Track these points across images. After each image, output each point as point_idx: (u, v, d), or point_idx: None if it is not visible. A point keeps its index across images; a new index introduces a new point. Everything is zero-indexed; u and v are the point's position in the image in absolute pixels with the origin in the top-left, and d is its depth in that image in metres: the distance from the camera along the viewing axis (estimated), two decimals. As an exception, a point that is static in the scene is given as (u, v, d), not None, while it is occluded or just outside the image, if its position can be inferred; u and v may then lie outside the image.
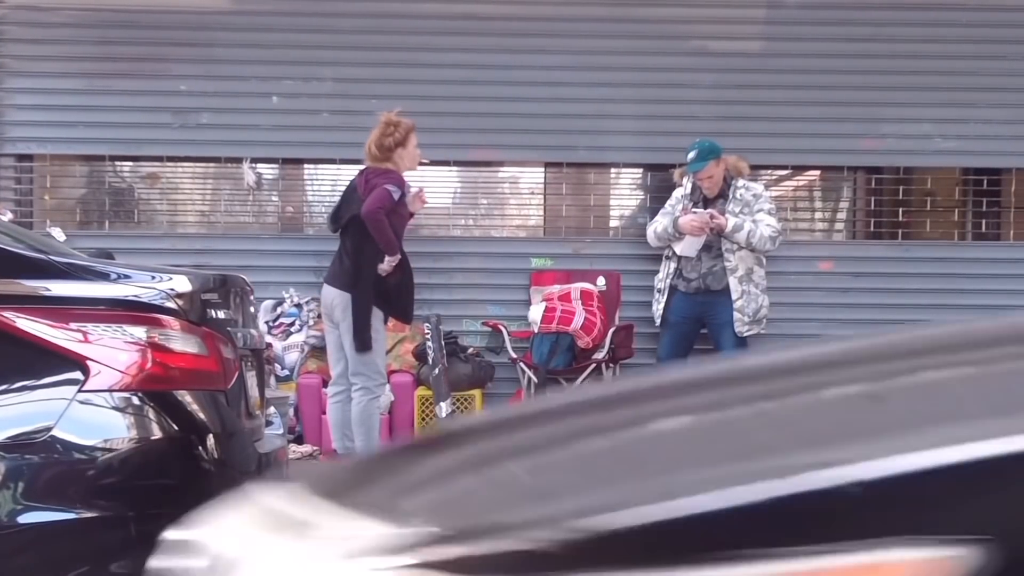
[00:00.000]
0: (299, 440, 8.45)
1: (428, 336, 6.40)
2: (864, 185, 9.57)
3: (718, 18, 9.13)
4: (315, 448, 8.20)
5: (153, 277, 3.82)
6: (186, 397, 3.68)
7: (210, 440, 3.69)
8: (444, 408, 6.33)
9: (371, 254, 7.11)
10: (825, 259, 9.33)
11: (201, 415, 3.69)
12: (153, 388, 3.59)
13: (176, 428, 3.62)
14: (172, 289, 3.78)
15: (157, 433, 3.58)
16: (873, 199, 9.55)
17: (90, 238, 8.74)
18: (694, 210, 8.48)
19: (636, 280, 8.93)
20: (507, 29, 9.12)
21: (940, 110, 9.21)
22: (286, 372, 8.59)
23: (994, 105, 9.22)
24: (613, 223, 9.60)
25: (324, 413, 8.23)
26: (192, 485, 3.61)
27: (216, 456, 3.69)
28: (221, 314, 3.95)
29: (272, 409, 4.65)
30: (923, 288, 9.22)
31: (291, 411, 8.52)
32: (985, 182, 9.47)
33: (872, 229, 9.54)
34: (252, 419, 4.14)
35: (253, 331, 4.32)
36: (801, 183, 9.55)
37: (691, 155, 8.44)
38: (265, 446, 4.16)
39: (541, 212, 9.46)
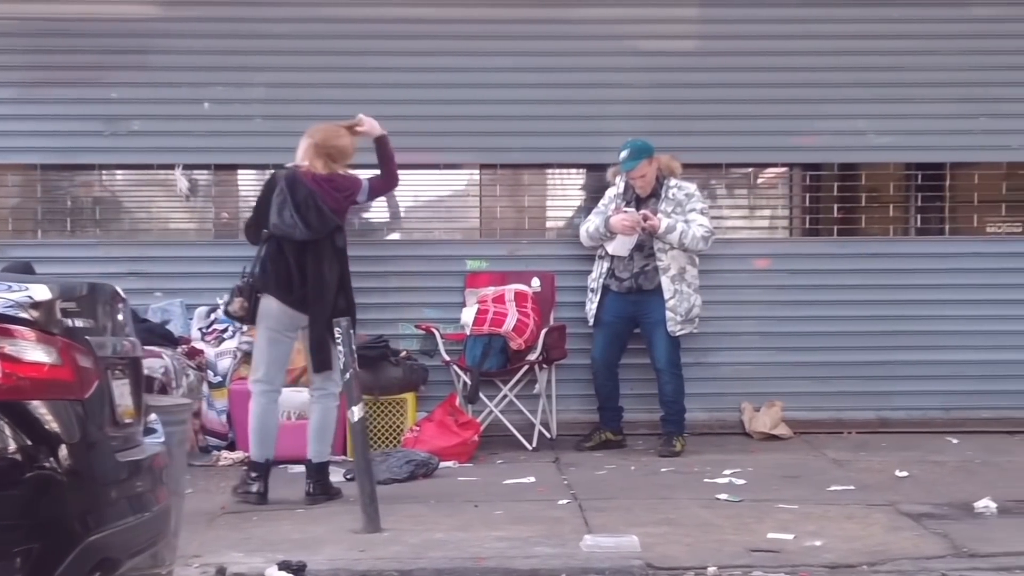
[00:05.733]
0: (232, 447, 8.43)
1: (339, 341, 6.35)
2: (800, 182, 9.55)
3: (651, 17, 9.13)
4: (247, 455, 8.15)
5: (9, 287, 3.80)
6: (39, 408, 3.65)
7: (63, 450, 3.65)
8: (356, 412, 6.29)
9: (333, 271, 7.05)
10: (762, 257, 9.31)
11: (54, 425, 3.66)
12: (2, 399, 3.56)
13: (27, 439, 3.59)
14: (28, 299, 3.75)
15: (6, 444, 3.55)
16: (808, 196, 9.54)
17: (23, 248, 8.72)
18: (625, 209, 8.48)
19: (571, 280, 8.92)
20: (441, 32, 9.11)
21: (875, 106, 9.20)
22: (219, 378, 8.56)
23: (929, 100, 9.22)
24: (548, 224, 9.58)
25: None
26: (43, 495, 3.58)
27: (69, 466, 3.65)
28: (82, 323, 3.92)
29: (154, 416, 4.61)
30: (859, 284, 9.22)
31: (223, 416, 8.50)
32: (919, 177, 9.45)
33: (808, 226, 9.52)
34: (120, 428, 4.11)
35: (125, 340, 4.29)
36: (738, 181, 9.52)
37: (623, 154, 8.46)
38: (135, 454, 4.13)
39: (476, 214, 9.43)
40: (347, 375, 6.30)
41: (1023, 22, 9.28)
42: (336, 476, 7.49)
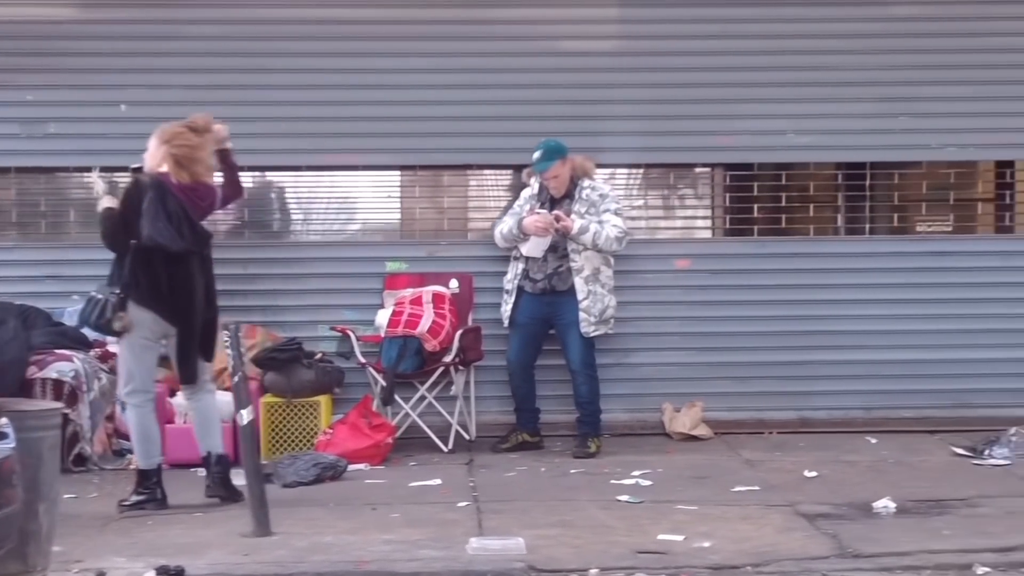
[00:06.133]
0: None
1: (227, 344, 6.33)
2: (722, 182, 9.55)
3: (570, 18, 9.12)
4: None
5: None
6: None
7: None
8: (245, 416, 6.27)
9: (201, 281, 7.05)
10: (684, 257, 9.29)
11: None
12: None
13: None
14: None
15: None
16: (729, 196, 9.53)
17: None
18: (538, 211, 8.47)
19: (491, 282, 8.90)
20: (359, 33, 9.10)
21: (795, 106, 9.19)
22: (133, 382, 8.51)
23: (849, 100, 9.22)
24: (468, 225, 9.56)
25: (169, 423, 8.21)
26: None
27: None
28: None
29: (4, 421, 4.59)
30: (781, 284, 9.22)
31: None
32: (840, 176, 9.48)
33: (729, 226, 9.51)
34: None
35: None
36: (659, 181, 9.52)
37: (536, 155, 8.46)
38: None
39: (396, 216, 9.42)
40: (236, 378, 6.28)
41: (941, 21, 9.27)
42: (241, 479, 7.45)
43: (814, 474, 7.78)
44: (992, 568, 5.76)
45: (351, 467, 7.92)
